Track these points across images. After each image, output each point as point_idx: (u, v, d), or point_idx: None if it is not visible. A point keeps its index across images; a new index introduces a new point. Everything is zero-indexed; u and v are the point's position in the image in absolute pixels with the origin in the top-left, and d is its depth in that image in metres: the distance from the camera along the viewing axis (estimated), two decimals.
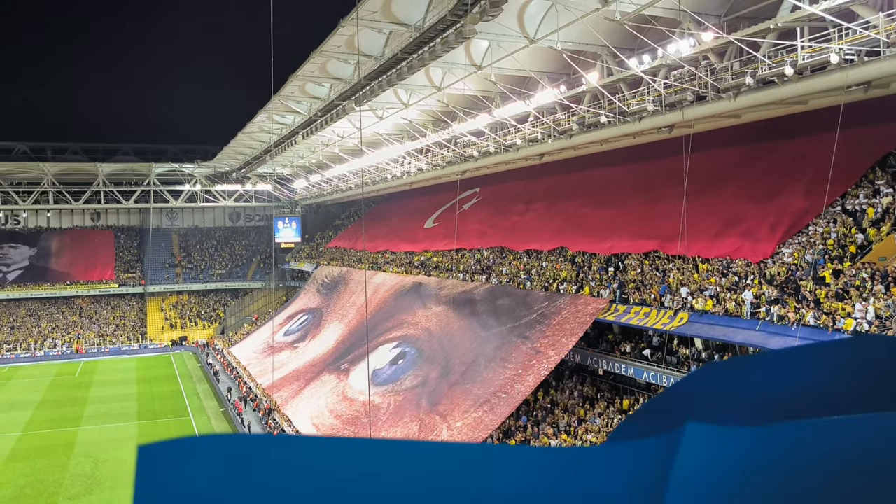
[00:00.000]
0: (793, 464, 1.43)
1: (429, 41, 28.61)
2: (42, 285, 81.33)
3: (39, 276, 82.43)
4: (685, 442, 1.40)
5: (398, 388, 37.68)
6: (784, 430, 1.48)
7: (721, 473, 1.40)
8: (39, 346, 74.01)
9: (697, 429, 1.40)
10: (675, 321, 27.20)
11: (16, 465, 38.30)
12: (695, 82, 27.27)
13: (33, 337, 75.52)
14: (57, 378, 62.82)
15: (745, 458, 1.42)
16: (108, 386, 58.86)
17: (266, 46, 30.77)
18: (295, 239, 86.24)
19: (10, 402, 53.00)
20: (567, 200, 43.37)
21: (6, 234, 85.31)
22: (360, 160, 57.86)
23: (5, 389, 58.24)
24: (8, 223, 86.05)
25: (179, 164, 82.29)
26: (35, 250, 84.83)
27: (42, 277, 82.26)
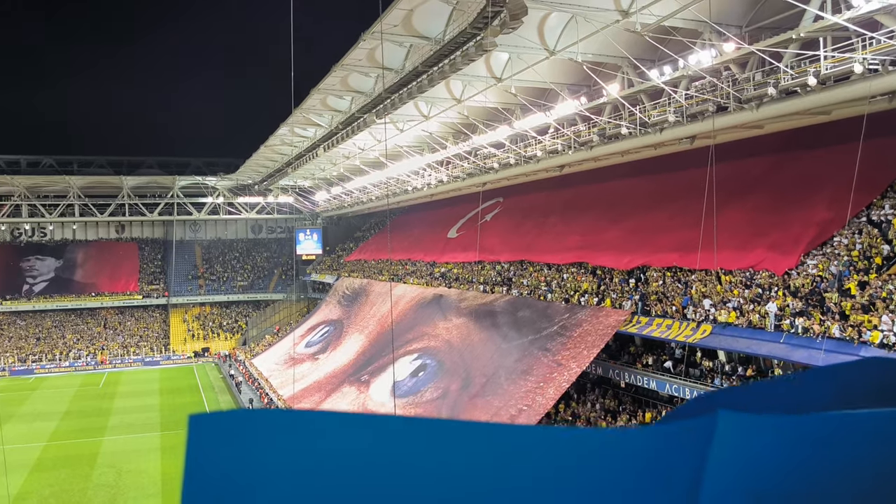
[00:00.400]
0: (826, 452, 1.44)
1: (449, 54, 28.74)
2: (67, 297, 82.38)
3: (65, 287, 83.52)
4: (720, 429, 1.41)
5: (419, 400, 37.65)
6: (817, 419, 1.49)
7: (756, 461, 1.42)
8: (64, 356, 74.86)
9: (730, 416, 1.42)
10: (698, 333, 26.96)
11: (41, 475, 38.69)
12: (716, 93, 27.14)
13: (59, 348, 76.42)
14: (81, 389, 63.48)
15: (780, 446, 1.44)
16: (131, 397, 59.37)
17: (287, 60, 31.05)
18: (316, 251, 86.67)
19: (35, 413, 53.63)
20: (588, 212, 43.23)
21: (33, 246, 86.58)
22: (381, 172, 58.11)
23: (31, 400, 58.95)
24: (35, 235, 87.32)
25: (202, 177, 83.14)
26: (61, 262, 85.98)
27: (67, 289, 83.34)
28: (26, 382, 67.44)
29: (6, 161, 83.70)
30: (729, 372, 26.82)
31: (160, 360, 76.24)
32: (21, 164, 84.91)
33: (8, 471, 33.85)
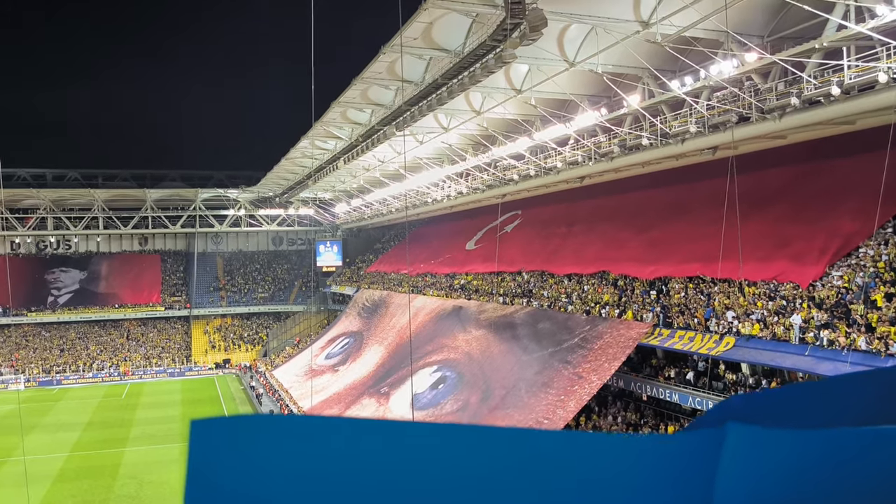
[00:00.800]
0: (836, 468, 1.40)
1: (469, 66, 28.79)
2: (91, 308, 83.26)
3: (89, 299, 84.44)
4: (728, 441, 1.39)
5: (439, 412, 37.52)
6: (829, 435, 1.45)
7: (767, 475, 1.39)
8: (88, 367, 75.58)
9: (739, 429, 1.39)
10: (721, 346, 26.65)
11: (63, 485, 38.97)
12: (738, 103, 26.94)
13: (82, 359, 77.17)
14: (104, 400, 64.00)
15: (791, 461, 1.40)
16: (153, 408, 59.75)
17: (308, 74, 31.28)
18: (336, 262, 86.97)
19: (59, 424, 54.12)
20: (608, 223, 43.01)
21: (58, 258, 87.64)
22: (401, 184, 58.26)
23: (55, 411, 59.51)
24: (60, 248, 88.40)
25: (224, 190, 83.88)
26: (85, 274, 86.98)
27: (91, 301, 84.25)
28: (50, 393, 68.14)
29: (32, 175, 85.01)
30: (753, 385, 26.47)
31: (182, 371, 76.72)
32: (47, 178, 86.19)
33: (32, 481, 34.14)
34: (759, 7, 26.31)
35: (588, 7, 26.18)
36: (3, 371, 73.36)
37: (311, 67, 29.76)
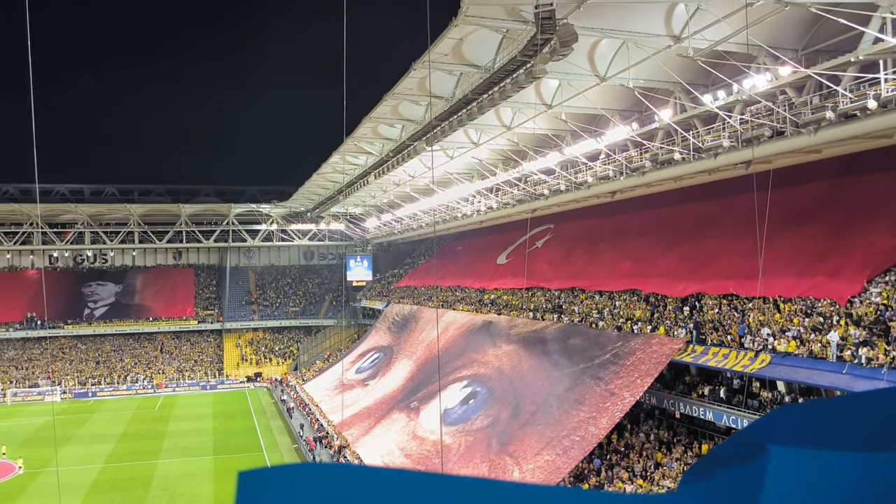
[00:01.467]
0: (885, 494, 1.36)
1: (499, 81, 28.85)
2: (126, 321, 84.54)
3: (124, 312, 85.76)
4: (771, 468, 1.34)
5: (469, 427, 37.34)
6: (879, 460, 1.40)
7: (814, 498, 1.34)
8: (122, 380, 76.64)
9: (784, 453, 1.35)
10: (756, 363, 26.21)
11: (97, 496, 39.44)
12: (772, 117, 26.63)
13: (117, 371, 78.27)
14: (138, 412, 64.79)
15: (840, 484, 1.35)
16: (185, 420, 60.33)
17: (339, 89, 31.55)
18: (366, 277, 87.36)
19: (93, 435, 54.86)
20: (640, 238, 42.65)
21: (95, 272, 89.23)
22: (431, 199, 58.43)
23: (90, 422, 60.37)
24: (96, 262, 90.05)
25: (257, 205, 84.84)
26: (120, 287, 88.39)
27: (126, 314, 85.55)
28: (85, 405, 69.15)
29: (70, 190, 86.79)
30: (789, 403, 25.97)
31: (214, 384, 77.43)
32: (85, 193, 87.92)
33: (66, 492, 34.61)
34: (792, 21, 26.04)
35: (619, 22, 26.13)
36: (41, 383, 74.66)
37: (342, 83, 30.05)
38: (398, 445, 40.89)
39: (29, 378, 75.70)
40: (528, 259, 50.61)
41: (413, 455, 38.66)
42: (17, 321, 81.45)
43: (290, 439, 52.72)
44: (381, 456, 40.51)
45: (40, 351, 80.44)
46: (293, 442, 51.71)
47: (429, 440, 39.22)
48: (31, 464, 45.70)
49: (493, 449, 33.55)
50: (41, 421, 59.84)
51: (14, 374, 76.08)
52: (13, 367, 77.62)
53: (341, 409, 49.94)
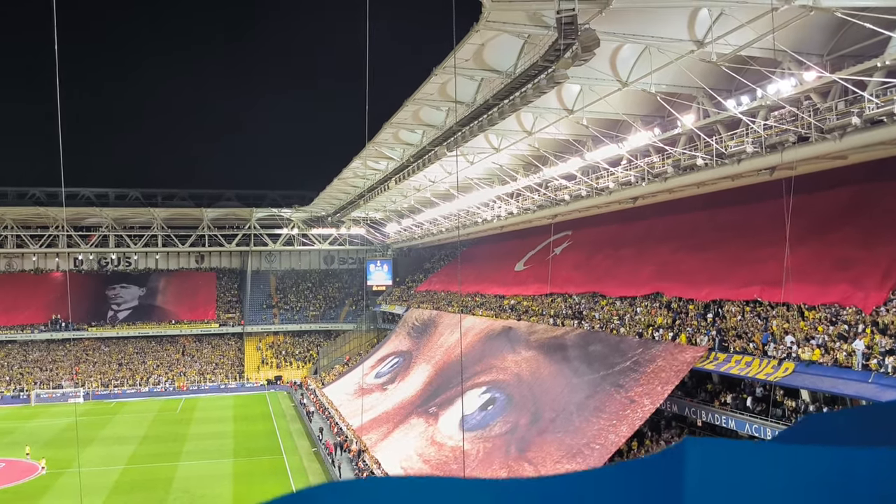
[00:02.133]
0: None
1: (520, 87, 28.78)
2: (149, 324, 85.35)
3: (147, 315, 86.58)
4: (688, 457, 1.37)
5: (487, 434, 37.22)
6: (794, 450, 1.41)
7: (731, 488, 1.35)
8: (144, 382, 77.35)
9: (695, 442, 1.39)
10: (780, 371, 25.89)
11: (118, 497, 39.78)
12: (797, 123, 26.33)
13: (139, 373, 79.01)
14: (159, 414, 65.33)
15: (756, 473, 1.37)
16: (206, 423, 60.73)
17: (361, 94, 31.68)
18: (386, 282, 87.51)
19: (116, 437, 55.38)
20: (662, 245, 42.35)
21: (118, 275, 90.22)
22: (451, 204, 58.45)
23: (112, 424, 60.95)
24: (120, 265, 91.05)
25: (278, 209, 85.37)
26: (144, 290, 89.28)
27: (149, 316, 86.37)
28: (108, 406, 69.84)
29: (96, 194, 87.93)
30: (814, 413, 25.61)
31: (235, 387, 77.91)
32: (109, 197, 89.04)
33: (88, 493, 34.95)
34: (817, 25, 25.75)
35: (641, 27, 25.99)
36: (64, 384, 75.53)
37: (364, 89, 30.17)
38: (417, 451, 40.85)
39: (53, 379, 76.62)
40: (549, 265, 50.41)
41: (431, 461, 38.59)
42: (41, 323, 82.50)
43: (310, 443, 52.87)
44: (400, 461, 40.48)
45: (64, 352, 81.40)
46: (312, 445, 51.85)
47: (447, 446, 39.14)
48: (53, 464, 46.22)
49: (511, 455, 33.40)
50: (64, 422, 60.50)
51: (38, 376, 77.05)
52: (38, 368, 78.61)
53: (360, 414, 50.01)
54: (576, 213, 47.43)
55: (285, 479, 43.23)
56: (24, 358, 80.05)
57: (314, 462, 47.36)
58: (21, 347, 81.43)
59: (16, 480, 43.78)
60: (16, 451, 50.27)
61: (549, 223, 50.92)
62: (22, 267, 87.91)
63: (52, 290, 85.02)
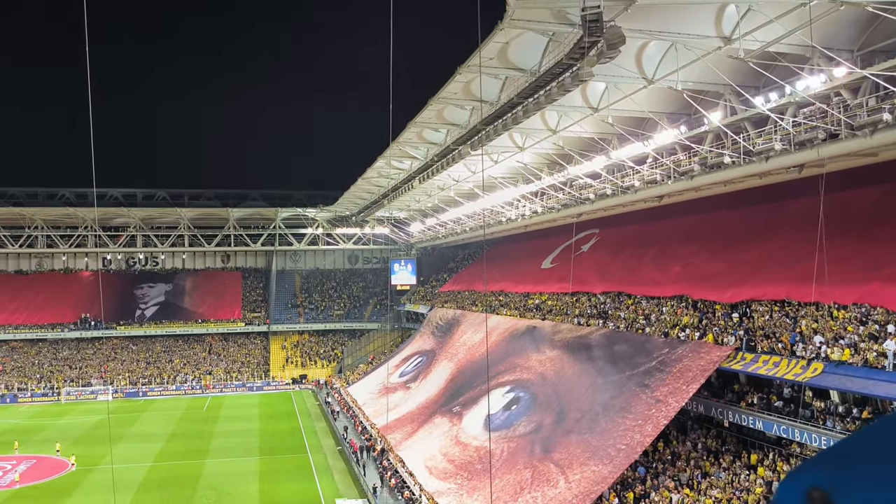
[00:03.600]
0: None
1: (545, 85, 28.64)
2: (176, 323, 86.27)
3: (173, 314, 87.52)
4: None
5: (512, 434, 37.13)
6: None
7: None
8: (171, 380, 78.19)
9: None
10: (809, 371, 25.53)
11: (147, 494, 40.25)
12: (826, 119, 25.94)
13: (167, 372, 79.89)
14: (186, 412, 66.02)
15: None
16: (232, 421, 61.26)
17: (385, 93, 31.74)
18: (410, 281, 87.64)
19: (143, 434, 56.05)
20: (688, 243, 41.95)
21: (146, 274, 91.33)
22: (475, 203, 58.38)
23: (140, 421, 61.70)
24: (147, 264, 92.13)
25: (303, 209, 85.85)
26: (170, 289, 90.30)
27: (175, 315, 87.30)
28: (136, 404, 70.72)
29: (124, 194, 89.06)
30: (843, 413, 25.22)
31: (260, 385, 78.52)
32: (137, 197, 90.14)
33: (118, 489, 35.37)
34: (847, 21, 25.33)
35: (667, 24, 25.74)
36: (93, 382, 76.58)
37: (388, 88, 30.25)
38: (441, 450, 40.86)
39: (82, 377, 77.72)
40: (574, 264, 50.15)
41: (456, 460, 38.58)
42: (71, 322, 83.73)
43: (335, 441, 53.11)
44: (424, 460, 40.52)
45: (93, 351, 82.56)
46: (337, 444, 52.08)
47: (471, 446, 39.09)
48: (83, 461, 46.89)
49: (536, 455, 33.28)
50: (94, 419, 61.38)
51: (68, 374, 78.21)
52: (67, 366, 79.81)
53: (385, 413, 50.14)
54: (601, 211, 47.10)
55: (310, 477, 43.48)
56: (55, 356, 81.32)
57: (339, 461, 47.56)
58: (51, 346, 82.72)
59: (46, 477, 44.48)
60: (46, 448, 51.08)
61: (573, 222, 50.65)
62: (52, 266, 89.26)
63: (82, 290, 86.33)
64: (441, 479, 37.30)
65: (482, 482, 34.03)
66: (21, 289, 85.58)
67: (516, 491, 31.15)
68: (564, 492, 28.83)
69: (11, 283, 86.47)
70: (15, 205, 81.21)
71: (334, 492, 40.54)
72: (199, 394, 75.65)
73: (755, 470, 27.12)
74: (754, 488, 25.89)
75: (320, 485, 41.83)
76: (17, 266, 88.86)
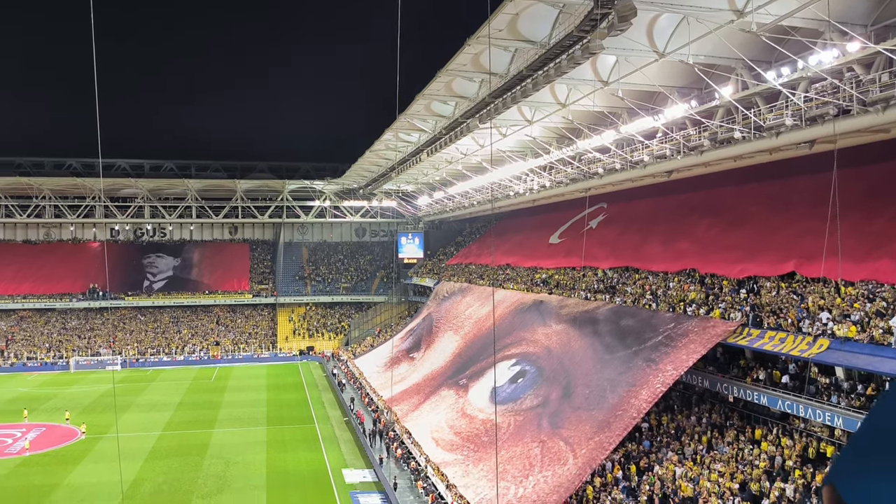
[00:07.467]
0: None
1: (554, 58, 28.41)
2: (184, 294, 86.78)
3: (182, 285, 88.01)
4: None
5: (518, 407, 37.38)
6: None
7: None
8: (180, 351, 78.83)
9: None
10: (814, 348, 25.56)
11: (155, 462, 40.78)
12: (838, 95, 25.70)
13: (175, 342, 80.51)
14: (195, 382, 66.63)
15: None
16: (240, 391, 61.83)
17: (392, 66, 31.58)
18: (417, 254, 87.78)
19: (152, 403, 56.64)
20: (697, 219, 41.82)
21: (154, 245, 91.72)
22: (484, 177, 58.23)
23: (149, 391, 62.31)
24: (155, 235, 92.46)
25: (311, 182, 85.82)
26: (178, 261, 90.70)
27: (184, 287, 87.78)
28: (145, 374, 71.37)
29: (131, 165, 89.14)
30: (847, 390, 25.29)
31: (268, 357, 79.12)
32: (145, 168, 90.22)
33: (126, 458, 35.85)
34: None
35: None
36: (102, 352, 77.28)
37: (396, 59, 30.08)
38: (447, 423, 41.20)
39: (91, 347, 78.42)
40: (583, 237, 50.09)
41: (462, 433, 38.91)
42: (80, 292, 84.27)
43: (341, 412, 53.59)
44: (431, 431, 40.89)
45: (102, 321, 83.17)
46: (343, 415, 52.55)
47: (478, 419, 39.40)
48: (93, 429, 47.46)
49: (543, 430, 33.51)
50: (102, 388, 62.00)
51: (77, 343, 78.90)
52: (76, 336, 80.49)
53: (391, 385, 50.50)
54: (609, 186, 46.95)
55: (317, 447, 43.95)
56: (63, 326, 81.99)
57: (346, 431, 48.03)
58: (60, 315, 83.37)
59: (57, 444, 45.09)
60: (56, 417, 51.72)
61: (581, 196, 50.49)
62: (60, 237, 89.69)
63: (90, 260, 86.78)
64: (447, 450, 37.65)
65: (488, 453, 34.35)
66: (30, 259, 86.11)
67: (525, 467, 31.39)
68: (572, 467, 29.09)
69: (20, 252, 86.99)
70: (22, 174, 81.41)
71: (341, 462, 41.00)
72: (207, 364, 76.29)
73: (759, 445, 27.28)
74: (758, 462, 26.06)
75: (327, 455, 42.29)
76: (26, 236, 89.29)
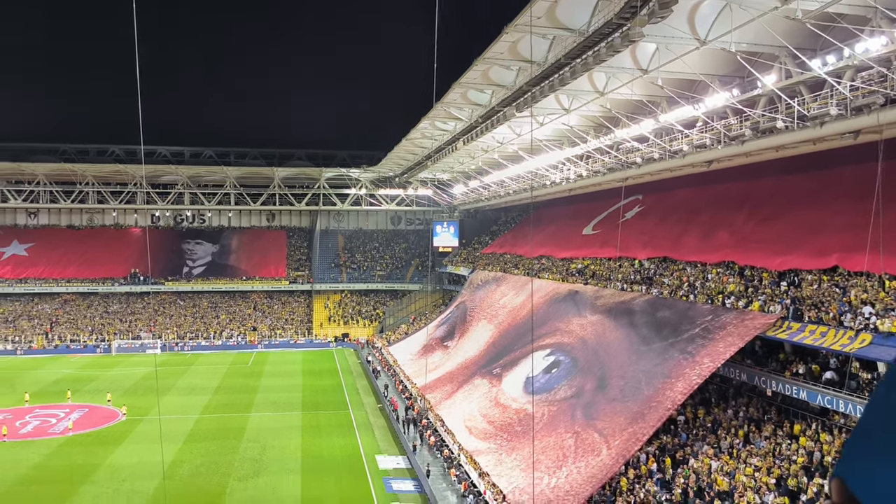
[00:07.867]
0: None
1: (593, 45, 28.12)
2: (222, 279, 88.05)
3: (220, 271, 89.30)
4: None
5: (552, 397, 37.28)
6: None
7: None
8: (218, 335, 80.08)
9: None
10: (856, 342, 25.03)
11: (193, 445, 41.56)
12: (885, 84, 25.02)
13: (213, 327, 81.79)
14: (232, 366, 67.69)
15: None
16: (276, 376, 62.66)
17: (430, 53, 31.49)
18: (452, 243, 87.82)
19: (191, 387, 57.69)
20: (737, 210, 41.12)
21: (193, 231, 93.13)
22: (520, 166, 57.96)
23: (188, 374, 63.47)
24: (195, 222, 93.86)
25: (347, 169, 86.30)
26: (217, 247, 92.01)
27: (222, 273, 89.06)
28: (184, 358, 72.70)
29: (172, 152, 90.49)
30: None
31: (304, 343, 79.99)
32: (185, 155, 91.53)
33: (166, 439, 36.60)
34: None
35: None
36: (142, 335, 78.85)
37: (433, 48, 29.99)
38: (480, 411, 41.28)
39: (132, 331, 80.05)
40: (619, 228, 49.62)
41: (496, 422, 38.96)
42: (121, 276, 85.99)
43: (375, 399, 54.02)
44: (464, 420, 41.01)
45: (142, 305, 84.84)
46: (377, 402, 52.97)
47: (511, 408, 39.39)
48: (133, 411, 48.53)
49: (578, 421, 33.37)
50: (143, 371, 63.31)
51: (118, 327, 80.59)
52: (118, 319, 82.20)
53: (424, 373, 50.72)
54: (647, 176, 46.40)
55: (352, 433, 44.38)
56: (105, 309, 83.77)
57: (380, 418, 48.43)
58: (102, 299, 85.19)
59: (99, 425, 46.20)
60: (98, 398, 52.98)
61: (619, 186, 49.99)
62: (102, 222, 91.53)
63: (131, 245, 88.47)
64: (480, 438, 37.74)
65: (521, 443, 34.35)
66: (74, 244, 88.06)
67: (559, 457, 31.33)
68: (606, 458, 28.96)
69: (65, 237, 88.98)
70: (66, 161, 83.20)
71: (374, 448, 41.36)
72: (245, 349, 77.42)
73: (797, 440, 26.86)
74: (796, 458, 25.67)
75: (361, 441, 42.71)
76: (70, 221, 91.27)
